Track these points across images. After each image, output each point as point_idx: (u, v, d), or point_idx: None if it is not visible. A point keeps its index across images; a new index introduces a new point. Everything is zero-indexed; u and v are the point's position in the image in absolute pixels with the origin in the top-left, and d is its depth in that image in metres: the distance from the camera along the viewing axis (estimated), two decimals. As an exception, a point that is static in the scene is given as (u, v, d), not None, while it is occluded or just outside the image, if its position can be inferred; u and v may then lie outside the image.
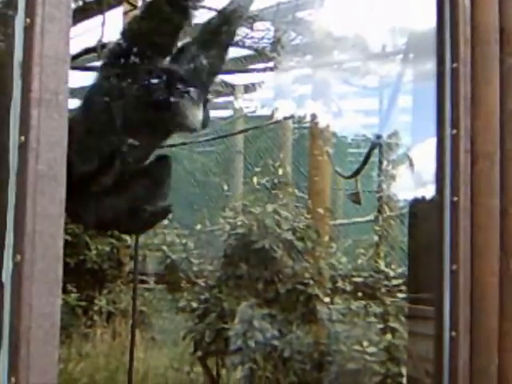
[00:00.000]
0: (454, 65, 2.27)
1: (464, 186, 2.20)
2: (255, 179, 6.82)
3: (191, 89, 2.86)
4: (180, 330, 6.41)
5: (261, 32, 6.35)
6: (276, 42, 5.08)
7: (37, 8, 1.42)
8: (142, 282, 7.05)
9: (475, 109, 2.26)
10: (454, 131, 2.23)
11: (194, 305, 5.86)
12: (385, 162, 6.89)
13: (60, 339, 1.42)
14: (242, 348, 5.16)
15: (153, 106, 2.75)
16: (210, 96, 3.18)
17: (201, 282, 6.07)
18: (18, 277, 1.35)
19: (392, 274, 5.63)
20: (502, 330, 2.21)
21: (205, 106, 3.00)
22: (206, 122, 3.03)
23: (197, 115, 2.91)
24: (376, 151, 6.83)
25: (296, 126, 8.98)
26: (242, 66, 8.69)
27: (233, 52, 7.74)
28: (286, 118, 7.86)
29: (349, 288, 5.61)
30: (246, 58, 7.57)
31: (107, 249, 7.98)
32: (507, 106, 2.31)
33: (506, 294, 2.22)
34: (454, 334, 2.17)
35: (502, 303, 2.21)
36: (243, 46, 6.55)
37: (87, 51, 6.06)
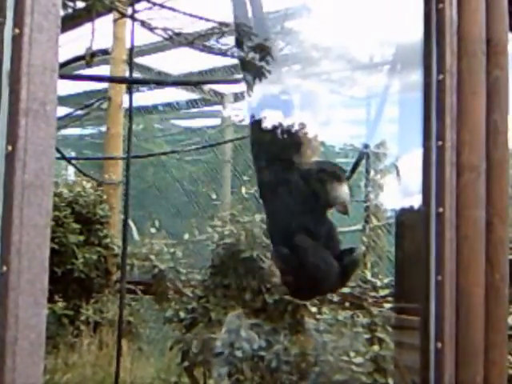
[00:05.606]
0: (441, 76, 2.28)
1: (450, 198, 2.21)
2: (243, 188, 6.82)
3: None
4: (167, 340, 6.38)
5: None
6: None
7: (25, 18, 1.41)
8: (129, 291, 7.02)
9: (461, 120, 2.27)
10: (440, 143, 2.24)
11: (182, 314, 5.83)
12: (372, 172, 6.91)
13: (46, 349, 1.42)
14: (230, 358, 5.14)
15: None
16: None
17: (188, 291, 6.05)
18: (4, 287, 1.35)
19: (379, 284, 5.64)
20: (487, 341, 2.22)
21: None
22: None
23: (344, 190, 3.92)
24: (363, 161, 6.86)
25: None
26: (231, 75, 8.73)
27: (222, 61, 7.78)
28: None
29: (336, 298, 5.60)
30: (235, 67, 7.59)
31: (94, 257, 7.94)
32: (493, 117, 2.32)
33: (491, 305, 2.23)
34: (439, 344, 2.17)
35: (487, 314, 2.22)
36: (232, 56, 6.58)
37: (76, 59, 6.05)
